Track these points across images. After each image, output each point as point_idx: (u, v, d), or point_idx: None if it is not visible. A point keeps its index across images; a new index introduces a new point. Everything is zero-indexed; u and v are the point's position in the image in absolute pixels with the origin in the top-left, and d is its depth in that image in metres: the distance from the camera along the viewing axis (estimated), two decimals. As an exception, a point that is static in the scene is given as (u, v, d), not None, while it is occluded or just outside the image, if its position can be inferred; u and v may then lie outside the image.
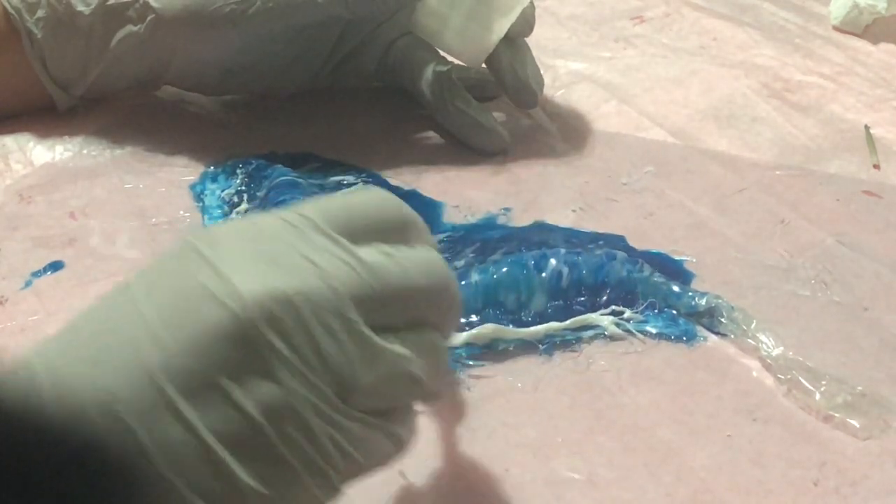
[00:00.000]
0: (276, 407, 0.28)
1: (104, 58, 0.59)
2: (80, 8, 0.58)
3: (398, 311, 0.31)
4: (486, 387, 0.45)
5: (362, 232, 0.31)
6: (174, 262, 0.30)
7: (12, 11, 0.58)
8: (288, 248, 0.30)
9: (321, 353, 0.29)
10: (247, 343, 0.28)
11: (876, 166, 0.60)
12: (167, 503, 0.27)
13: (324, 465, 0.29)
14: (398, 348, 0.31)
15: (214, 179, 0.58)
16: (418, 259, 0.32)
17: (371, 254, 0.31)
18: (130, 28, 0.57)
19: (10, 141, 0.61)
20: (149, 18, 0.57)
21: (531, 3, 0.59)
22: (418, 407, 0.34)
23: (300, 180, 0.55)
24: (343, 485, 0.30)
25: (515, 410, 0.44)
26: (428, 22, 0.58)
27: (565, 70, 0.70)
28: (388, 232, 0.32)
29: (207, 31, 0.56)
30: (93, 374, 0.28)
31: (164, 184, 0.58)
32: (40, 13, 0.58)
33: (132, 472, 0.27)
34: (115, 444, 0.27)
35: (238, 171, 0.58)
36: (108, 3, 0.57)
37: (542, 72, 0.62)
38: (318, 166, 0.59)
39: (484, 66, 0.60)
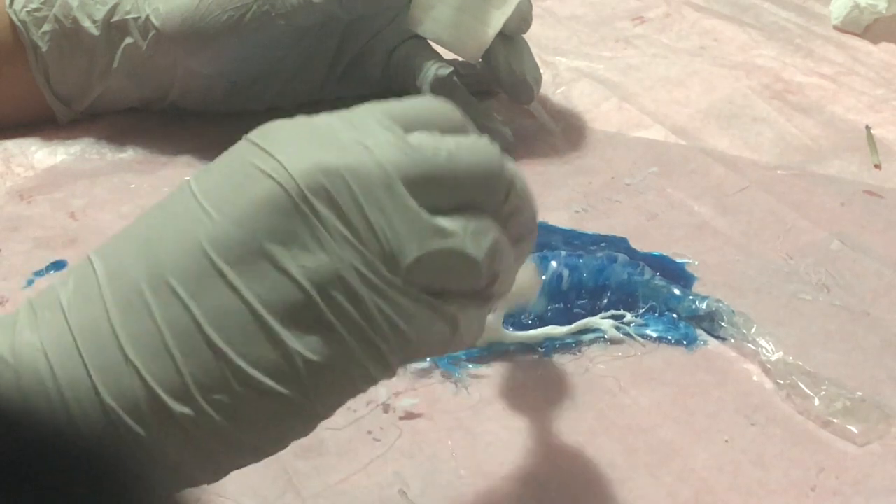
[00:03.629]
0: (323, 274, 0.29)
1: (107, 75, 0.59)
2: (86, 24, 0.58)
3: (448, 192, 0.31)
4: (485, 388, 0.45)
5: (414, 123, 0.31)
6: (228, 154, 0.31)
7: (19, 24, 0.58)
8: (338, 133, 0.30)
9: (369, 223, 0.29)
10: (294, 212, 0.29)
11: (877, 166, 0.60)
12: (218, 370, 0.28)
13: (373, 336, 0.29)
14: (447, 223, 0.30)
15: (216, 179, 0.58)
16: (467, 142, 0.32)
17: (420, 137, 0.31)
18: (133, 45, 0.57)
19: (11, 145, 0.60)
20: (150, 35, 0.57)
21: None
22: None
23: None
24: (397, 362, 0.30)
25: (516, 412, 0.43)
26: (422, 16, 0.58)
27: (565, 67, 0.70)
28: (440, 124, 0.32)
29: (208, 42, 0.56)
30: (146, 251, 0.29)
31: (167, 183, 0.58)
32: (46, 27, 0.58)
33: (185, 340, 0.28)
34: (168, 315, 0.28)
35: (240, 170, 0.58)
36: (113, 20, 0.57)
37: (542, 69, 0.61)
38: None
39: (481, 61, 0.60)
